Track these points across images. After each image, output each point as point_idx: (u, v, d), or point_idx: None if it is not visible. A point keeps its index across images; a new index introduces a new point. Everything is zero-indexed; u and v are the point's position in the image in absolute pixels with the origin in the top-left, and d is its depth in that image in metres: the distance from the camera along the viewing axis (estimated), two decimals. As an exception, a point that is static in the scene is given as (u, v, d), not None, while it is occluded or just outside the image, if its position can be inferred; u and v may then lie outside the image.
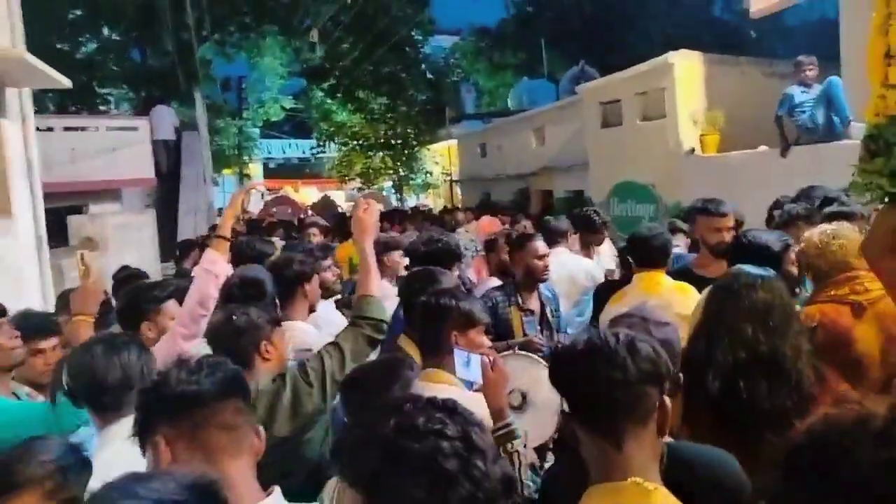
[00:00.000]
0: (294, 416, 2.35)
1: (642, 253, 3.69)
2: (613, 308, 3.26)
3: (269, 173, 30.61)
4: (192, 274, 3.29)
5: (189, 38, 18.30)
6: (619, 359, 1.43)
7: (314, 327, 3.37)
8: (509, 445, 2.01)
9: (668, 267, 3.71)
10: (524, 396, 2.69)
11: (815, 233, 2.92)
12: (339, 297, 4.57)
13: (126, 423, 1.77)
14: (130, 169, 12.50)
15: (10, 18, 4.08)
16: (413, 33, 24.53)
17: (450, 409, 1.12)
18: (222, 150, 23.05)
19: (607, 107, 11.82)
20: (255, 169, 28.21)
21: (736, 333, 1.96)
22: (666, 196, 10.10)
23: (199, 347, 2.60)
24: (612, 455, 1.41)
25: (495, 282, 4.47)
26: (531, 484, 2.03)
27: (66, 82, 4.29)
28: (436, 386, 2.31)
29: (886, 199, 2.19)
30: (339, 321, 3.59)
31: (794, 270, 3.05)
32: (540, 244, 4.17)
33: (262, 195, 19.46)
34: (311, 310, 3.45)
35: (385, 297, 3.01)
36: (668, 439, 1.57)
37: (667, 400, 1.47)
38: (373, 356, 2.78)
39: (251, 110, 24.83)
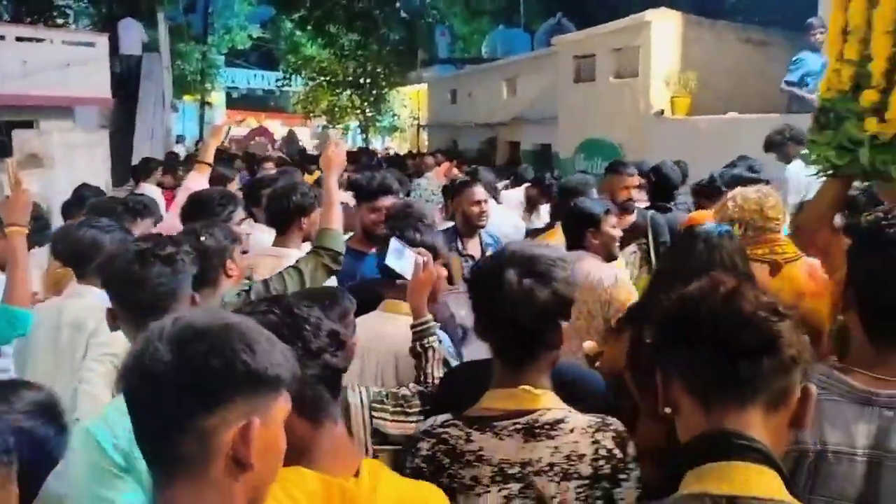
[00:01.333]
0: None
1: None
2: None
3: (231, 103, 29.78)
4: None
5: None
6: (523, 290, 1.55)
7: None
8: (425, 341, 2.17)
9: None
10: (464, 331, 2.80)
11: (749, 191, 3.09)
12: None
13: None
14: (85, 86, 11.98)
15: None
16: (390, -31, 23.82)
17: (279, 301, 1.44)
18: (184, 76, 22.29)
19: (582, 61, 11.66)
20: (218, 97, 27.41)
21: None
22: (632, 156, 10.05)
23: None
24: (509, 369, 1.60)
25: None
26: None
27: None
28: (394, 316, 2.43)
29: (832, 172, 2.27)
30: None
31: (616, 233, 3.41)
32: (477, 190, 4.18)
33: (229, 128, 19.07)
34: (307, 239, 3.46)
35: None
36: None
37: (564, 324, 1.61)
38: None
39: (217, 36, 23.97)
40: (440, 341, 2.25)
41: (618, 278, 3.18)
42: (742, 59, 9.79)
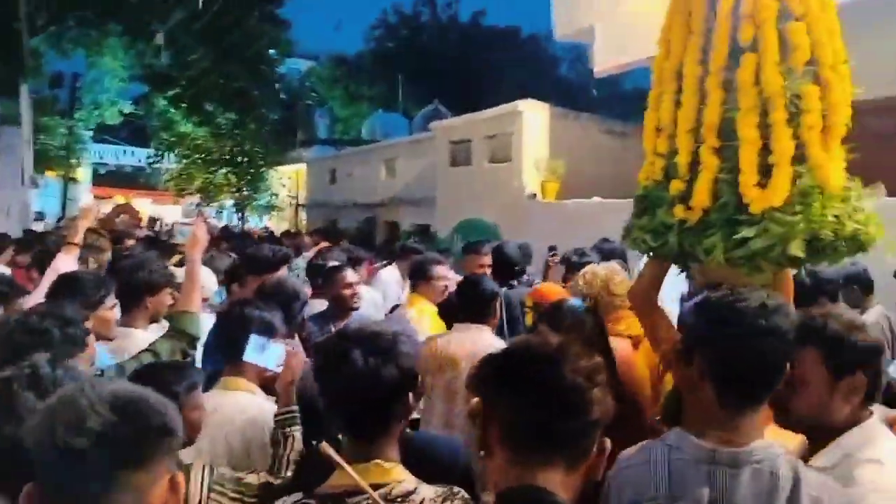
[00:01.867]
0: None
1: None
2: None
3: (98, 180, 28.52)
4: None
5: (19, 25, 16.77)
6: (370, 368, 1.61)
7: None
8: (288, 429, 2.22)
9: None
10: None
11: (598, 268, 3.39)
12: None
13: None
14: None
15: None
16: (269, 52, 23.99)
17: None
18: (47, 150, 21.21)
19: (458, 146, 12.13)
20: (84, 173, 26.19)
21: None
22: (509, 236, 10.47)
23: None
24: (359, 444, 1.64)
25: (322, 305, 4.39)
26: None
27: None
28: (232, 393, 2.46)
29: (650, 253, 2.49)
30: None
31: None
32: (348, 274, 4.32)
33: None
34: (154, 320, 3.34)
35: None
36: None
37: (411, 398, 1.69)
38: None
39: (85, 111, 23.10)
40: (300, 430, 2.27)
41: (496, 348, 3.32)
42: (604, 147, 10.54)
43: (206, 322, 3.11)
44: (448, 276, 4.52)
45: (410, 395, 1.68)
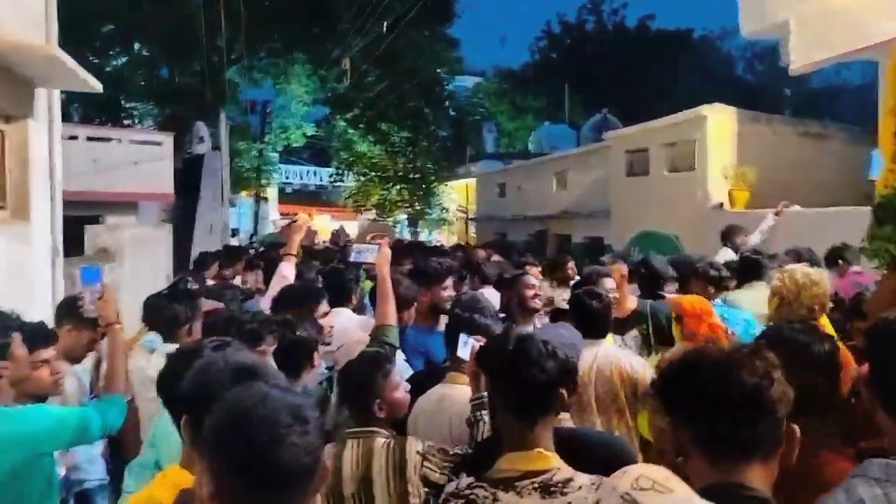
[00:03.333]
0: (341, 411, 2.75)
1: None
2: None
3: (284, 198, 30.67)
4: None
5: (219, 59, 18.44)
6: (541, 362, 1.83)
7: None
8: (478, 413, 2.37)
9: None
10: None
11: (798, 270, 3.29)
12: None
13: None
14: (150, 183, 12.44)
15: (46, 15, 3.98)
16: (439, 71, 24.67)
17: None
18: (241, 172, 23.10)
19: (634, 155, 11.71)
20: (272, 193, 28.23)
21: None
22: (689, 248, 9.92)
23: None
24: (522, 434, 1.82)
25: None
26: None
27: (96, 85, 4.17)
28: (456, 386, 2.73)
29: (891, 264, 2.51)
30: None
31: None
32: (530, 277, 4.43)
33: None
34: None
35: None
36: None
37: (565, 393, 1.86)
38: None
39: (273, 135, 24.94)
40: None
41: (644, 365, 3.40)
42: (799, 151, 9.71)
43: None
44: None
45: (565, 390, 1.86)
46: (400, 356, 3.32)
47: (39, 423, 2.46)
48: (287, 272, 4.04)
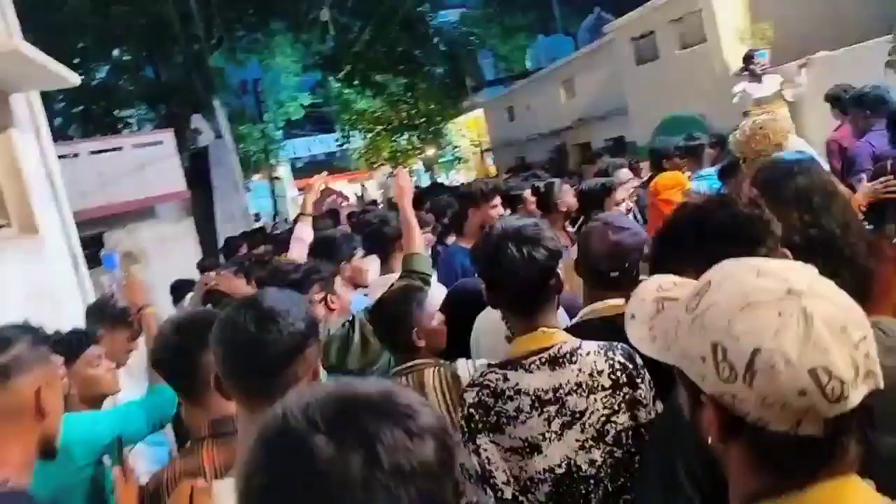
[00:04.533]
0: (364, 353, 2.76)
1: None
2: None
3: (297, 173, 30.39)
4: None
5: (200, 48, 18.02)
6: (524, 257, 1.83)
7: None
8: None
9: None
10: None
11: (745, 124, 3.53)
12: None
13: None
14: (162, 184, 12.25)
15: (2, 8, 3.70)
16: (420, 9, 23.92)
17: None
18: (248, 156, 22.85)
19: (640, 42, 11.19)
20: (284, 170, 28.01)
21: (784, 221, 1.83)
22: (718, 124, 9.48)
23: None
24: (525, 319, 1.89)
25: None
26: None
27: (72, 78, 3.91)
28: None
29: None
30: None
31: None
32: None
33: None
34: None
35: None
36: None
37: (560, 272, 1.92)
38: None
39: (271, 112, 24.56)
40: None
41: None
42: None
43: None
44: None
45: (559, 270, 1.90)
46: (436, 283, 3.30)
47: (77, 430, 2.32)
48: (303, 234, 3.94)
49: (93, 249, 8.19)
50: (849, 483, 0.84)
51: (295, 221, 6.47)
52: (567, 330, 1.98)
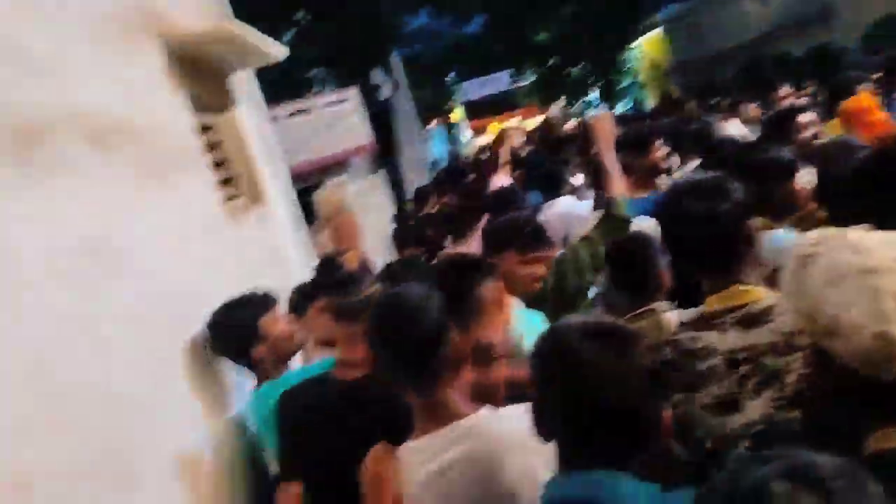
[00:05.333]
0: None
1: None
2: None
3: (471, 115, 30.59)
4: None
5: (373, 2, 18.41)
6: (713, 210, 1.76)
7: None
8: None
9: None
10: None
11: None
12: None
13: None
14: (351, 139, 12.87)
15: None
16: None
17: None
18: (425, 103, 23.29)
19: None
20: (458, 114, 28.31)
21: None
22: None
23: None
24: (719, 276, 1.81)
25: None
26: None
27: (281, 51, 4.14)
28: None
29: None
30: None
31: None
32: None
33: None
34: None
35: None
36: None
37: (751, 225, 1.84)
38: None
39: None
40: None
41: None
42: None
43: None
44: None
45: (749, 223, 1.79)
46: None
47: None
48: (499, 181, 4.11)
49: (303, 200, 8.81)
50: None
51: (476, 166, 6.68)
52: None
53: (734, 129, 5.75)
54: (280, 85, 19.22)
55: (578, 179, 5.61)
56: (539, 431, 1.31)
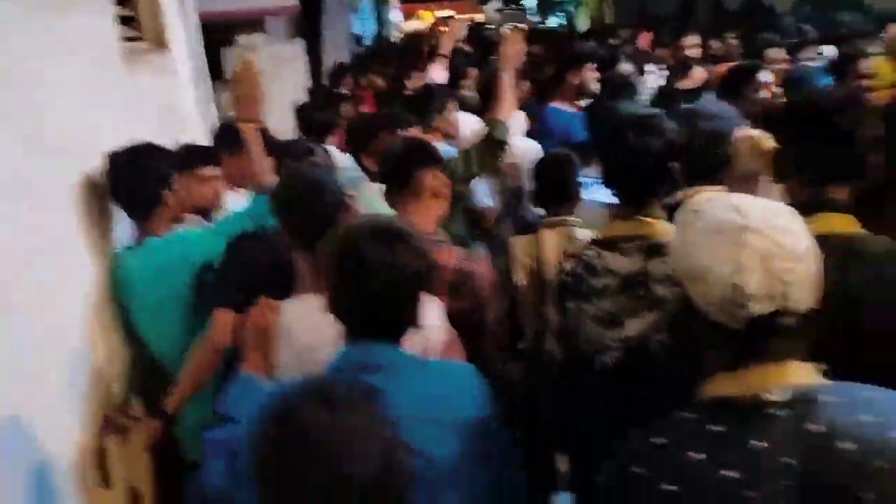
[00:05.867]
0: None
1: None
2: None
3: (403, -3, 29.31)
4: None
5: None
6: (640, 143, 1.96)
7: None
8: None
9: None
10: None
11: None
12: None
13: None
14: (271, -1, 12.08)
15: None
16: None
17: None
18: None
19: None
20: (391, -8, 27.08)
21: None
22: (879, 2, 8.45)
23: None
24: (630, 206, 2.04)
25: None
26: None
27: None
28: None
29: None
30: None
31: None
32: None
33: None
34: None
35: None
36: None
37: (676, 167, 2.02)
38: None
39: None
40: None
41: None
42: None
43: None
44: None
45: (675, 164, 1.96)
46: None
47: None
48: (435, 75, 4.16)
49: (209, 59, 8.25)
50: (785, 366, 1.15)
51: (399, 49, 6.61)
52: None
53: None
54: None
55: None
56: (333, 312, 1.56)
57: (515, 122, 3.62)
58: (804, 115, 1.82)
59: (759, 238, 1.12)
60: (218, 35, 10.70)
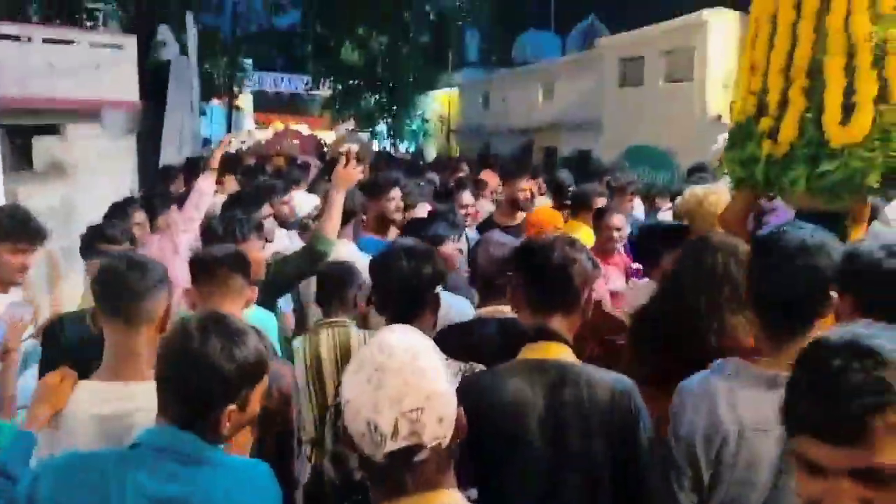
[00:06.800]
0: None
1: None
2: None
3: (259, 107, 29.49)
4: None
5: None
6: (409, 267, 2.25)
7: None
8: None
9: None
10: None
11: (697, 188, 3.53)
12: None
13: None
14: (113, 89, 11.60)
15: None
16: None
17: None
18: (212, 79, 22.00)
19: (628, 64, 11.13)
20: (246, 101, 27.14)
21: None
22: (684, 163, 9.50)
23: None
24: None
25: None
26: None
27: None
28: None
29: (738, 182, 2.85)
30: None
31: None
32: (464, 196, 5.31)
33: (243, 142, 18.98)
34: None
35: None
36: None
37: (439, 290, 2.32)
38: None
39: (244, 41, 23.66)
40: None
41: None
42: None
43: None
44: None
45: (439, 287, 2.28)
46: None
47: None
48: (205, 186, 4.06)
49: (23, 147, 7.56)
50: (432, 497, 1.20)
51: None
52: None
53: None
54: (57, 6, 17.05)
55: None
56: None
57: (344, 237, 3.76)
58: (527, 254, 2.02)
59: (393, 378, 1.17)
60: (44, 119, 10.04)
